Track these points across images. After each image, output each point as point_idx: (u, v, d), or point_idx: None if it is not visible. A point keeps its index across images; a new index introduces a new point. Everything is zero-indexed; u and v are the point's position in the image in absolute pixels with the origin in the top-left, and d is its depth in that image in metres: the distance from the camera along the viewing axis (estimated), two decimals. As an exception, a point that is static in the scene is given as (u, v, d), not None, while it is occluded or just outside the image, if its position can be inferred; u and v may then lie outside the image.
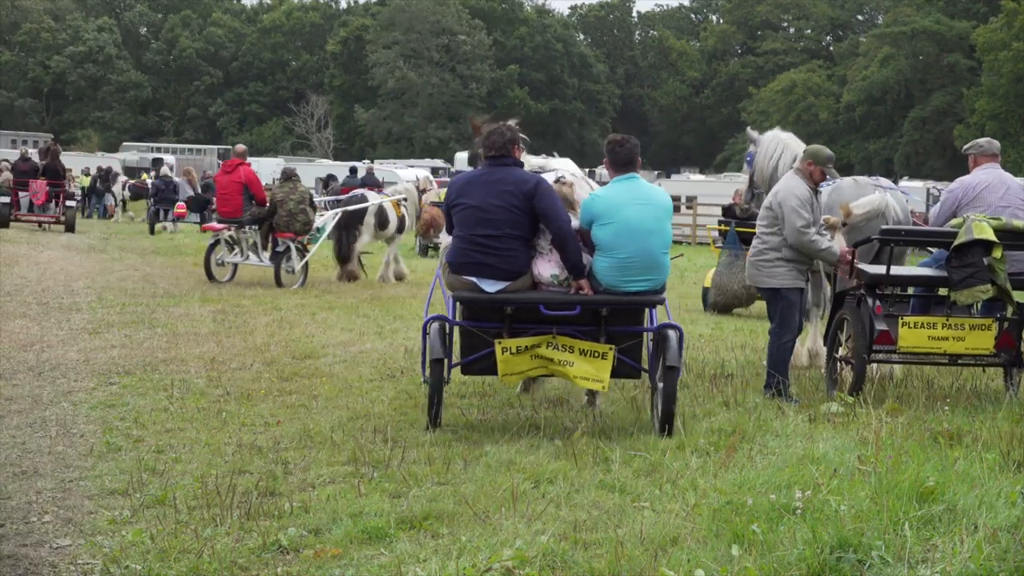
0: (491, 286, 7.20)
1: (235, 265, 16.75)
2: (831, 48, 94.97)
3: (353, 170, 32.98)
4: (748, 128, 11.13)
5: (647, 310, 7.51)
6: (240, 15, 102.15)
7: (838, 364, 8.59)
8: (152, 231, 27.86)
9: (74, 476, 6.11)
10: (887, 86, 75.23)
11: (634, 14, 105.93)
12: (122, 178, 38.06)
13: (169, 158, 65.14)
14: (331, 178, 35.26)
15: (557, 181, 7.72)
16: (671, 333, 7.23)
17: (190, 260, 20.09)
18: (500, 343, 7.17)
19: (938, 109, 72.35)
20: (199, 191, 29.62)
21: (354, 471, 6.18)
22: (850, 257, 8.52)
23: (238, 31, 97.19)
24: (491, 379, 8.52)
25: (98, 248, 22.50)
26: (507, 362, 7.18)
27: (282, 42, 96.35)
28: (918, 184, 44.36)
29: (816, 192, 8.70)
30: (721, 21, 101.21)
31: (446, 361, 7.21)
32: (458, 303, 7.46)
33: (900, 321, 8.15)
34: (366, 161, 49.73)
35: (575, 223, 7.35)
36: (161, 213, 28.67)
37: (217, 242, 16.66)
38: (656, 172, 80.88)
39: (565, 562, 4.72)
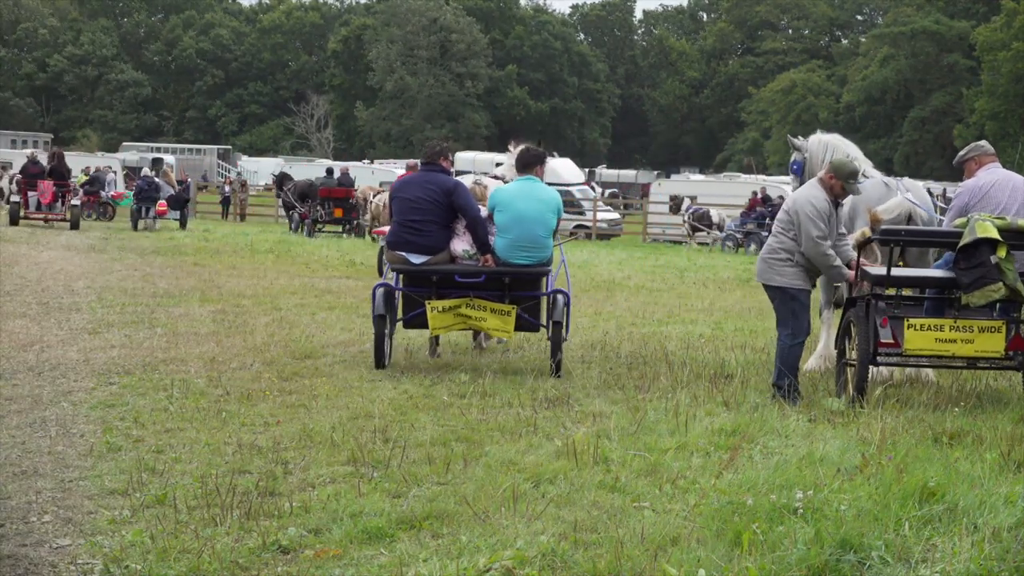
0: (416, 259, 9.48)
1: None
2: (831, 48, 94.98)
3: (329, 171, 34.06)
4: (790, 136, 11.03)
5: (544, 279, 9.68)
6: (240, 15, 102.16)
7: (846, 368, 8.53)
8: (135, 227, 29.34)
9: (74, 476, 6.10)
10: (887, 86, 75.22)
11: (637, 13, 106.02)
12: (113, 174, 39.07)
13: (169, 158, 65.21)
14: (285, 176, 36.54)
15: (475, 183, 10.57)
16: (559, 297, 9.51)
17: (190, 260, 20.10)
18: (430, 304, 9.37)
19: (938, 109, 72.37)
20: (177, 190, 32.03)
21: (354, 471, 6.18)
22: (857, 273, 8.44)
23: (238, 31, 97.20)
24: (491, 379, 8.89)
25: (98, 248, 22.50)
26: (436, 318, 9.37)
27: (282, 42, 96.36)
28: (919, 184, 44.38)
29: (838, 204, 8.52)
30: (720, 18, 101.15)
31: (388, 317, 9.52)
32: (399, 274, 9.67)
33: (906, 323, 8.04)
34: (373, 162, 49.82)
35: (484, 212, 9.61)
36: (143, 211, 30.22)
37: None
38: (656, 172, 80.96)
39: (565, 562, 4.72)
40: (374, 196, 28.89)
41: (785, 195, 30.40)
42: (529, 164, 9.76)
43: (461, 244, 9.53)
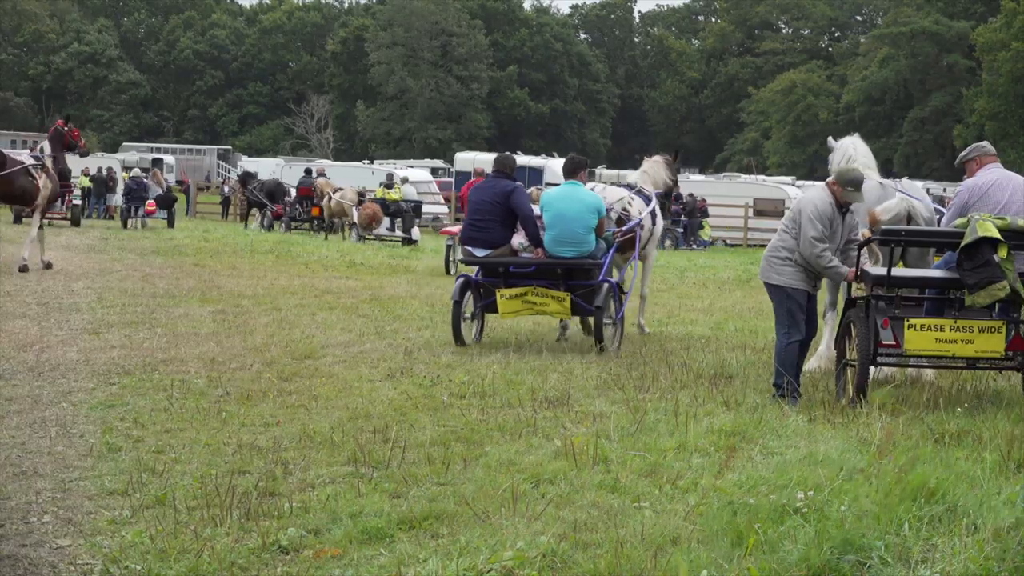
0: (480, 252, 11.01)
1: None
2: (830, 48, 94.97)
3: (308, 171, 35.19)
4: (830, 138, 11.09)
5: (595, 270, 10.94)
6: (240, 16, 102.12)
7: (846, 368, 8.52)
8: (125, 226, 30.53)
9: (74, 476, 6.10)
10: (886, 86, 75.23)
11: (635, 14, 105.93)
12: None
13: (169, 158, 65.22)
14: (248, 175, 37.89)
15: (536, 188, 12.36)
16: (604, 285, 10.85)
17: (190, 260, 20.11)
18: (499, 292, 10.81)
19: (937, 109, 72.36)
20: (166, 191, 33.44)
21: (354, 471, 6.18)
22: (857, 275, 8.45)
23: (238, 31, 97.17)
24: (491, 380, 8.89)
25: (98, 248, 22.50)
26: (504, 304, 10.81)
27: (282, 42, 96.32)
28: (917, 184, 44.37)
29: (845, 211, 8.52)
30: (719, 19, 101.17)
31: (464, 301, 10.95)
32: (478, 268, 11.18)
33: (906, 324, 8.03)
34: (374, 161, 49.94)
35: (537, 211, 11.07)
36: (132, 210, 31.28)
37: (453, 243, 19.51)
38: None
39: (565, 562, 4.72)
40: (334, 192, 30.10)
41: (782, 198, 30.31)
42: (573, 170, 11.22)
43: (518, 238, 10.98)
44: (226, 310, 13.11)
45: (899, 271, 8.76)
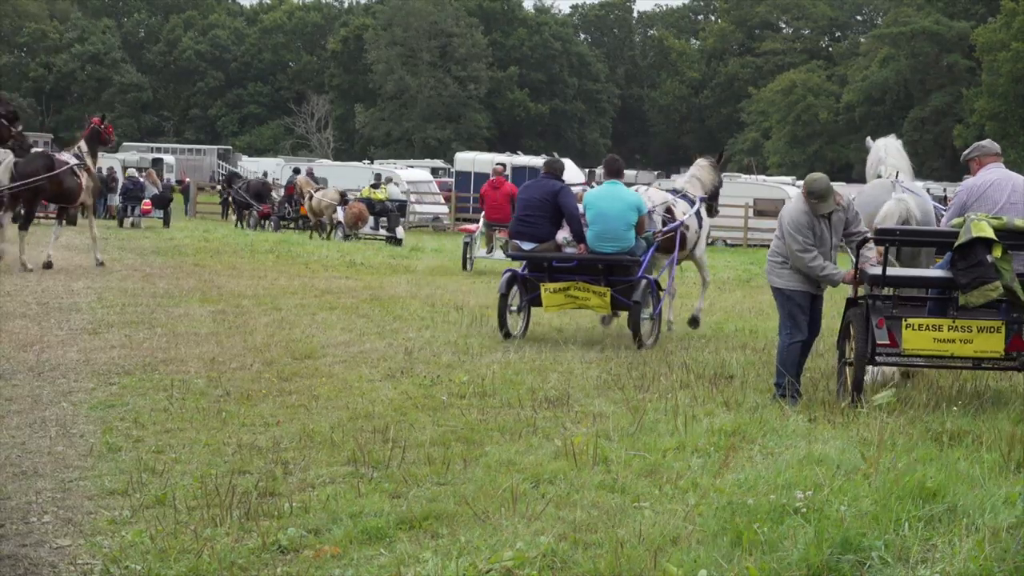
0: (527, 246, 11.64)
1: (473, 259, 20.64)
2: (830, 48, 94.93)
3: (296, 170, 36.31)
4: (868, 138, 11.18)
5: (634, 267, 11.45)
6: (241, 15, 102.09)
7: (846, 368, 8.53)
8: (121, 224, 31.20)
9: (74, 476, 6.10)
10: (887, 86, 75.16)
11: (635, 13, 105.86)
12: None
13: (169, 158, 65.18)
14: (234, 175, 39.04)
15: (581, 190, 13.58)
16: (642, 281, 11.37)
17: (190, 260, 20.10)
18: (544, 286, 11.36)
19: (937, 109, 72.30)
20: (162, 190, 34.20)
21: (354, 471, 6.18)
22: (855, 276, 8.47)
23: (239, 31, 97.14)
24: (491, 380, 8.90)
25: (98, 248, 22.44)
26: (548, 298, 11.34)
27: (283, 42, 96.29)
28: (918, 184, 44.32)
29: (828, 214, 8.55)
30: (718, 19, 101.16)
31: (510, 294, 11.56)
32: (524, 263, 11.82)
33: (904, 323, 8.04)
34: (371, 160, 50.06)
35: (582, 209, 11.66)
36: (128, 209, 31.80)
37: (471, 241, 20.64)
38: (656, 172, 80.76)
39: (565, 562, 4.72)
40: (315, 191, 30.66)
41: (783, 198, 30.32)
42: (617, 171, 11.84)
43: (563, 233, 11.60)
44: (226, 310, 13.11)
45: (898, 271, 8.76)
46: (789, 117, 79.13)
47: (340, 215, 29.37)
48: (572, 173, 47.67)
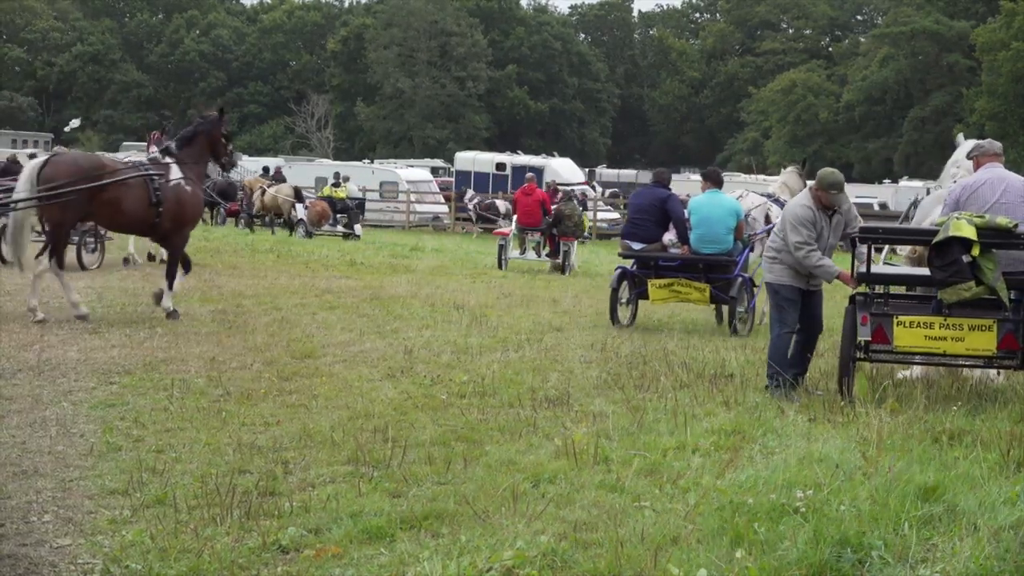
0: (636, 246, 13.23)
1: (507, 259, 22.26)
2: (831, 48, 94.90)
3: (266, 169, 37.50)
4: (960, 135, 11.37)
5: (731, 266, 12.87)
6: (241, 15, 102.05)
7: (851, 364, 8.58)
8: None
9: (74, 476, 6.10)
10: (887, 86, 75.16)
11: (635, 13, 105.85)
12: None
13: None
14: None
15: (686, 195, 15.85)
16: (739, 279, 12.87)
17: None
18: (651, 281, 12.92)
19: (938, 109, 72.29)
20: None
21: (354, 471, 6.18)
22: (850, 275, 8.60)
23: (239, 31, 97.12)
24: (491, 379, 8.93)
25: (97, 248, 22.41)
26: (654, 292, 12.89)
27: (283, 42, 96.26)
28: (918, 184, 44.33)
29: (833, 213, 8.83)
30: (718, 20, 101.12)
31: (620, 288, 13.11)
32: (634, 261, 13.29)
33: (895, 321, 8.11)
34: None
35: (687, 214, 13.11)
36: None
37: (505, 243, 22.47)
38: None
39: (565, 562, 4.72)
40: (267, 187, 31.82)
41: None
42: (716, 181, 13.29)
43: (669, 235, 13.10)
44: (226, 310, 13.11)
45: (890, 268, 8.84)
46: (789, 117, 79.12)
47: (302, 213, 30.05)
48: (571, 173, 47.75)
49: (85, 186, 11.69)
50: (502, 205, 38.29)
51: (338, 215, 30.76)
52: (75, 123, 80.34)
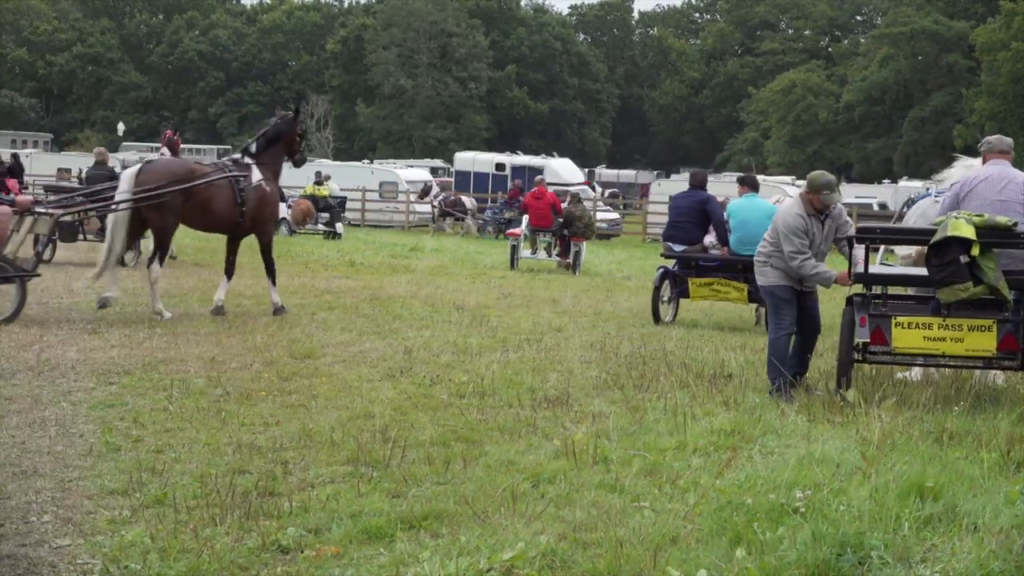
0: (678, 248, 13.82)
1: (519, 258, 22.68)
2: (830, 48, 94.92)
3: None
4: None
5: None
6: (241, 15, 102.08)
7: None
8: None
9: (73, 476, 6.10)
10: (886, 86, 75.20)
11: (635, 13, 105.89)
12: None
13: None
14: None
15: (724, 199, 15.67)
16: None
17: (190, 260, 20.09)
18: (691, 280, 13.58)
19: (937, 109, 72.33)
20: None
21: (354, 471, 6.18)
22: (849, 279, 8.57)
23: (239, 31, 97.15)
24: (491, 380, 8.94)
25: (97, 247, 22.43)
26: (695, 291, 13.60)
27: (282, 42, 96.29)
28: (918, 184, 44.31)
29: (825, 217, 8.79)
30: (719, 20, 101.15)
31: (662, 287, 13.76)
32: (676, 260, 13.90)
33: (893, 321, 8.08)
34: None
35: (726, 217, 13.53)
36: None
37: (517, 244, 22.81)
38: (656, 172, 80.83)
39: (565, 562, 4.72)
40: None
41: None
42: (753, 186, 13.61)
43: (709, 238, 13.73)
44: (226, 310, 13.10)
45: (887, 269, 8.82)
46: (789, 117, 79.17)
47: (284, 211, 30.19)
48: (571, 173, 47.72)
49: (178, 187, 12.38)
50: (468, 201, 38.69)
51: (320, 213, 30.99)
52: (122, 127, 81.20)
